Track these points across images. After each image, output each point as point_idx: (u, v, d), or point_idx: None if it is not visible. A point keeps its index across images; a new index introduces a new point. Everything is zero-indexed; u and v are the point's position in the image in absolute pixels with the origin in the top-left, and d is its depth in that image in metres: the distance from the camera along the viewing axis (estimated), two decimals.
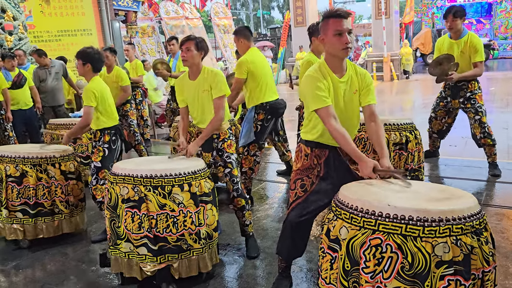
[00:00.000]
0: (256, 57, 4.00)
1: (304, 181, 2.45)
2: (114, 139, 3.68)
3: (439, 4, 27.24)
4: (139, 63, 7.36)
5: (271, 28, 34.48)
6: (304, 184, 2.44)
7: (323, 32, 2.33)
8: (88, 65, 3.58)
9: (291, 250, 2.54)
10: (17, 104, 6.21)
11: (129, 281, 2.86)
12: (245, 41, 4.08)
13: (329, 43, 2.31)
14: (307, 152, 2.46)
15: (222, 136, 3.22)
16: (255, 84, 3.95)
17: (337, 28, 2.26)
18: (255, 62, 3.94)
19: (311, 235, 3.51)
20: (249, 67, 3.89)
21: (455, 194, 1.97)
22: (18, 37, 8.27)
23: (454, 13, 4.38)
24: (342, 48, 2.27)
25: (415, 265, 1.71)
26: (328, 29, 2.29)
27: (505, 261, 2.92)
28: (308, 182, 2.44)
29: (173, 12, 15.07)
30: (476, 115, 4.56)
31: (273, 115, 4.11)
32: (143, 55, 13.68)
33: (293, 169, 2.58)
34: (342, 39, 2.26)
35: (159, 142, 8.04)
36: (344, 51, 2.28)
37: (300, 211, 2.41)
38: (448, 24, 4.45)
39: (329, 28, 2.28)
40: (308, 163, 2.46)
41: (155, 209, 2.63)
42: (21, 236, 3.58)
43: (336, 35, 2.26)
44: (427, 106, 9.25)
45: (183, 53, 3.11)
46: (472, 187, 4.39)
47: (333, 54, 2.33)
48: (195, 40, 3.11)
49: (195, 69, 3.15)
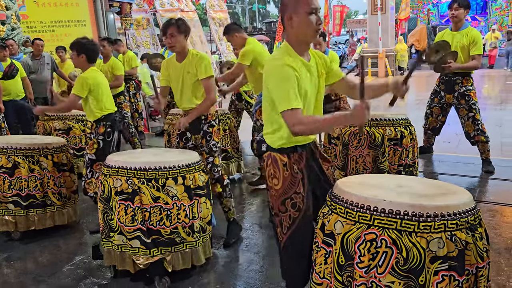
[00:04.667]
0: (259, 46, 4.13)
1: (294, 199, 2.05)
2: (109, 131, 3.63)
3: (435, 1, 27.27)
4: (132, 54, 7.30)
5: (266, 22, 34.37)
6: (295, 203, 2.05)
7: (292, 9, 1.98)
8: (83, 55, 3.54)
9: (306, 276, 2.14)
10: (8, 95, 6.12)
11: (122, 274, 2.85)
12: (239, 34, 4.18)
13: (300, 23, 1.97)
14: (284, 161, 2.06)
15: (210, 118, 3.27)
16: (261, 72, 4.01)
17: (310, 6, 1.95)
18: (259, 50, 4.06)
19: None
20: (256, 56, 3.98)
21: (450, 189, 1.97)
22: (11, 27, 8.18)
23: (458, 2, 4.45)
24: (316, 28, 1.97)
25: (409, 260, 1.70)
26: (299, 7, 1.96)
27: (498, 257, 2.93)
28: (298, 199, 2.05)
29: (168, 5, 14.92)
30: (469, 112, 4.58)
31: None
32: (137, 47, 13.56)
33: (273, 188, 2.10)
34: (315, 18, 1.96)
35: (152, 135, 7.99)
36: (316, 33, 1.99)
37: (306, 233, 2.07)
38: (452, 12, 4.51)
39: (301, 5, 1.96)
40: (289, 174, 2.05)
41: (149, 201, 2.62)
42: (13, 228, 3.54)
43: (310, 13, 1.95)
44: (421, 102, 9.28)
45: (167, 40, 3.11)
46: (466, 183, 4.41)
47: (302, 36, 2.00)
48: (176, 24, 3.11)
49: (182, 51, 3.18)
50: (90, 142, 3.63)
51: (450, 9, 4.54)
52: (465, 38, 4.46)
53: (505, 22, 24.76)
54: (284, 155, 2.06)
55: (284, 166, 2.06)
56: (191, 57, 3.16)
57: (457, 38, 4.51)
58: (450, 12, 4.56)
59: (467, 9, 4.49)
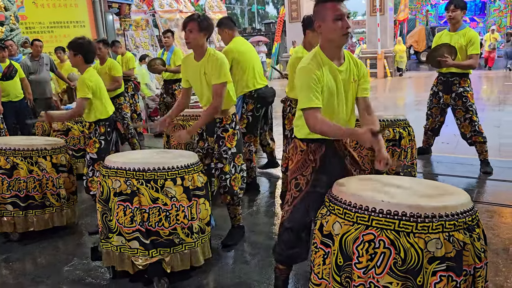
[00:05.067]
0: (241, 46, 4.01)
1: (298, 180, 2.30)
2: (109, 131, 3.67)
3: (433, 2, 27.32)
4: (130, 55, 7.31)
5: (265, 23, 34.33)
6: (298, 183, 2.30)
7: (320, 18, 2.17)
8: (80, 56, 3.53)
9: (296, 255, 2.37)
10: (7, 96, 6.12)
11: (120, 275, 2.85)
12: (229, 31, 4.12)
13: (327, 29, 2.15)
14: (303, 148, 2.32)
15: (224, 122, 3.14)
16: (241, 72, 3.96)
17: (336, 13, 2.11)
18: (240, 50, 3.96)
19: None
20: (234, 55, 3.91)
21: (448, 190, 1.98)
22: (10, 28, 8.18)
23: (454, 3, 4.51)
24: (343, 33, 2.13)
25: (407, 260, 1.71)
26: (326, 14, 2.13)
27: (495, 257, 2.94)
28: (302, 180, 2.28)
29: (167, 6, 14.94)
30: (466, 114, 4.61)
31: (263, 104, 4.11)
32: (136, 48, 13.56)
33: (289, 168, 2.42)
34: (342, 24, 2.11)
35: (151, 136, 7.99)
36: (345, 37, 2.15)
37: (301, 213, 2.27)
38: (449, 14, 4.58)
39: (328, 13, 2.13)
40: (302, 158, 2.30)
41: (148, 202, 2.62)
42: (11, 229, 3.54)
43: (336, 20, 2.11)
44: (420, 103, 9.30)
45: (185, 35, 2.99)
46: (464, 184, 4.42)
47: (331, 41, 2.18)
48: (197, 20, 2.97)
49: (200, 50, 3.04)
50: (90, 141, 3.63)
51: (447, 11, 4.62)
52: (463, 39, 4.50)
53: (504, 23, 24.82)
54: (304, 143, 2.32)
55: (301, 152, 2.33)
56: (208, 57, 3.01)
57: (455, 38, 4.55)
58: (447, 14, 4.63)
59: (463, 10, 4.55)
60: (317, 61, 2.19)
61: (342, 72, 2.23)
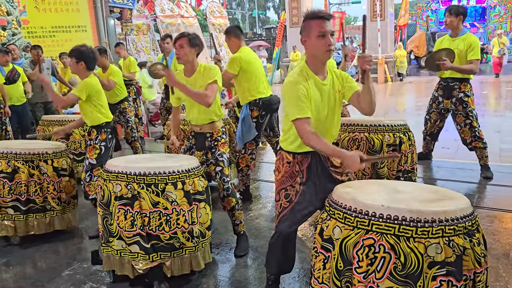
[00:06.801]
0: (248, 55, 4.05)
1: (288, 191, 2.37)
2: (110, 137, 3.73)
3: (434, 7, 27.41)
4: (132, 60, 7.33)
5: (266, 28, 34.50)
6: (288, 194, 2.37)
7: (306, 33, 2.27)
8: (82, 63, 3.56)
9: (281, 264, 2.50)
10: (10, 100, 6.15)
11: (121, 279, 2.85)
12: (236, 40, 4.14)
13: (311, 45, 2.25)
14: (289, 160, 2.39)
15: (215, 135, 3.23)
16: (247, 82, 4.00)
17: (321, 30, 2.20)
18: (248, 59, 3.99)
19: (303, 235, 3.52)
20: (242, 64, 3.94)
21: (448, 195, 1.98)
22: (12, 33, 8.22)
23: (449, 10, 4.64)
24: (326, 50, 2.22)
25: (407, 265, 1.71)
26: (310, 31, 2.24)
27: (496, 262, 2.94)
28: (292, 191, 2.36)
29: (169, 10, 15.01)
30: (467, 119, 4.62)
31: (267, 111, 4.14)
32: (137, 53, 13.62)
33: (275, 179, 2.47)
34: (325, 41, 2.21)
35: (152, 140, 8.01)
36: (327, 53, 2.24)
37: (289, 222, 2.35)
38: (445, 20, 4.73)
39: (312, 30, 2.23)
40: (290, 169, 2.37)
41: (148, 206, 2.62)
42: (12, 233, 3.54)
43: (319, 36, 2.21)
44: (420, 108, 9.31)
45: (176, 50, 3.08)
46: (464, 189, 4.42)
47: (315, 56, 2.29)
48: (188, 37, 3.08)
49: (190, 66, 3.14)
50: (90, 147, 3.65)
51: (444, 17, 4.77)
52: (463, 44, 4.52)
53: (504, 29, 24.86)
54: (290, 155, 2.39)
55: (287, 163, 2.40)
56: (202, 71, 3.10)
57: (455, 44, 4.57)
58: (444, 20, 4.77)
59: (459, 16, 4.58)
60: (303, 75, 2.28)
61: (326, 85, 2.33)
